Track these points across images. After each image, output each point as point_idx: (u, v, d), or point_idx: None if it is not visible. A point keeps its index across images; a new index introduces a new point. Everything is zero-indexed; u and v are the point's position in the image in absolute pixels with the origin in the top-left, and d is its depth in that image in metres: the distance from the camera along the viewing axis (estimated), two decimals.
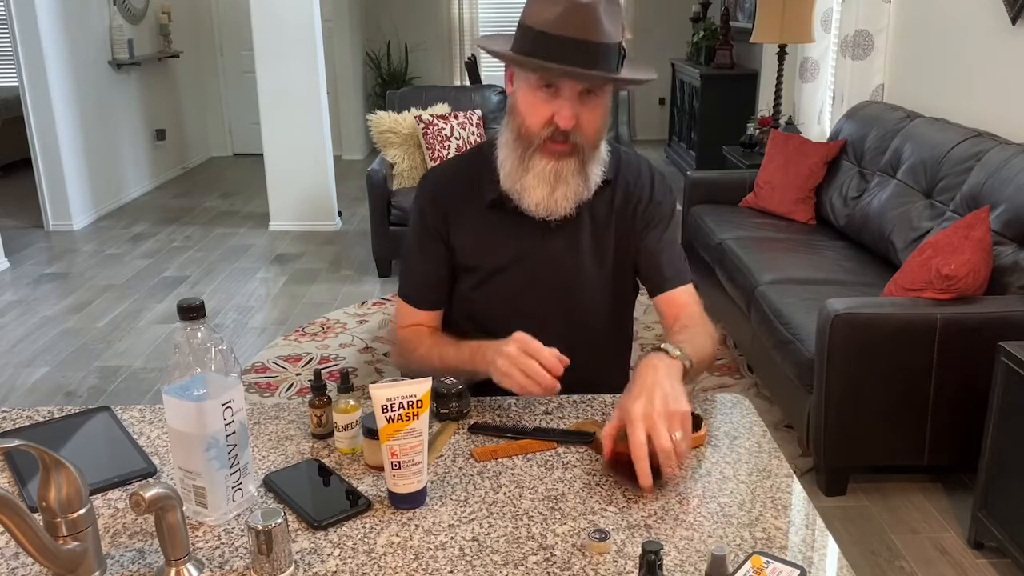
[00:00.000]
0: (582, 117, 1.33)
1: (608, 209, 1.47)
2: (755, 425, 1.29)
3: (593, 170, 1.40)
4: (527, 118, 1.35)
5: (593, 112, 1.34)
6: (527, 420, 1.29)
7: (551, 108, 1.32)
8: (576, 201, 1.39)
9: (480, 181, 1.45)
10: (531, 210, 1.39)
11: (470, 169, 1.48)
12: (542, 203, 1.38)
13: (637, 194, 1.49)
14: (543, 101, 1.33)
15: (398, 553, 0.98)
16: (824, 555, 1.00)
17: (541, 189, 1.37)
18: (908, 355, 2.35)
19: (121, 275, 4.63)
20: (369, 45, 8.02)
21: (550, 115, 1.33)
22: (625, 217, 1.48)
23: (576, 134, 1.34)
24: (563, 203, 1.38)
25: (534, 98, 1.33)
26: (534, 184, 1.37)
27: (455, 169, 1.53)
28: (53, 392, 3.29)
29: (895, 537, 2.33)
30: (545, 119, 1.33)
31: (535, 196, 1.37)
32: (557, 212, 1.39)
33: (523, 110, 1.36)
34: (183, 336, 1.00)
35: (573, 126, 1.32)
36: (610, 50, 1.28)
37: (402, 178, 4.59)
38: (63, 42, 5.41)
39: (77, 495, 0.88)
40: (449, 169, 1.54)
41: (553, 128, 1.33)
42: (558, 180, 1.36)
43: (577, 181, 1.38)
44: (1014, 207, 2.56)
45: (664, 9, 7.71)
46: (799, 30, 4.34)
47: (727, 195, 4.05)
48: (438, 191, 1.50)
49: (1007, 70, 3.07)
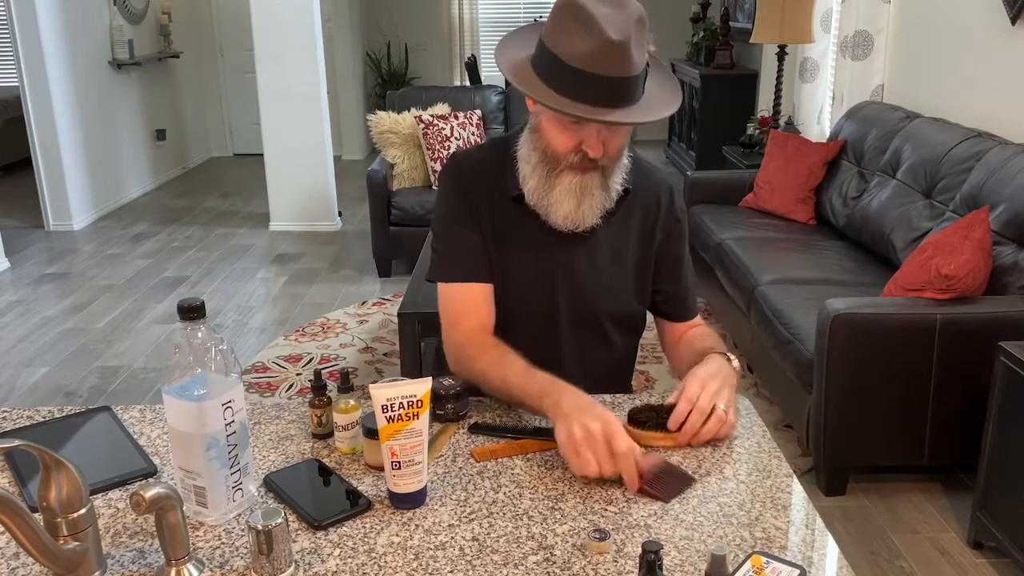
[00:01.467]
0: (608, 142, 1.33)
1: (627, 220, 1.47)
2: (755, 425, 1.29)
3: (614, 181, 1.40)
4: (553, 142, 1.34)
5: (619, 136, 1.34)
6: (527, 420, 1.30)
7: (579, 136, 1.32)
8: (600, 212, 1.40)
9: (504, 174, 1.44)
10: (558, 224, 1.39)
11: (495, 160, 1.46)
12: (569, 217, 1.38)
13: (657, 212, 1.49)
14: (571, 130, 1.32)
15: (398, 553, 0.98)
16: (824, 555, 1.00)
17: (568, 203, 1.37)
18: (908, 355, 2.35)
19: (121, 275, 4.63)
20: (369, 45, 8.02)
21: (578, 143, 1.32)
22: (644, 232, 1.49)
23: (603, 158, 1.34)
24: (589, 215, 1.38)
25: (561, 126, 1.32)
26: (561, 199, 1.37)
27: (481, 156, 1.51)
28: (53, 392, 3.29)
29: (895, 537, 2.33)
30: (572, 146, 1.33)
31: (562, 211, 1.37)
32: (584, 224, 1.39)
33: (549, 135, 1.35)
34: (183, 336, 1.00)
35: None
36: (639, 81, 1.27)
37: (402, 178, 4.59)
38: (63, 42, 5.41)
39: (77, 495, 0.88)
40: (476, 155, 1.52)
41: (581, 155, 1.33)
42: (584, 193, 1.36)
43: (601, 193, 1.38)
44: (1014, 207, 2.56)
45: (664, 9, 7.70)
46: (799, 30, 4.34)
47: (727, 195, 4.06)
48: (466, 173, 1.48)
49: (1007, 70, 3.07)
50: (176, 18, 7.00)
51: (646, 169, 1.52)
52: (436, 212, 1.50)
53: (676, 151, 7.07)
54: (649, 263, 1.50)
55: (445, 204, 1.47)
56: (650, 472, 1.12)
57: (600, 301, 1.47)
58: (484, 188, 1.46)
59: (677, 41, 7.53)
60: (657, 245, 1.50)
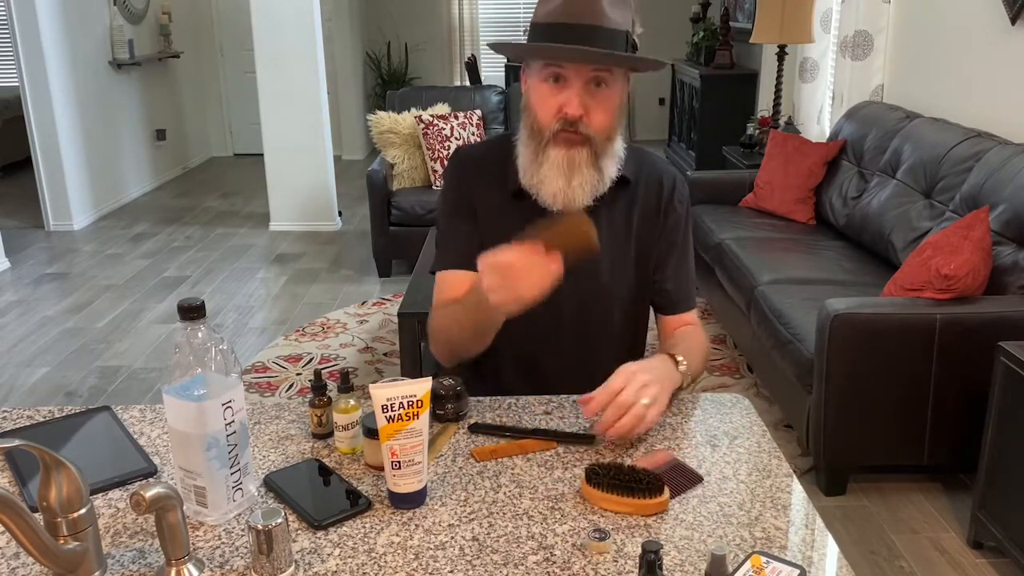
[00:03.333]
0: (591, 108, 1.33)
1: (628, 211, 1.47)
2: (755, 425, 1.29)
3: (607, 164, 1.39)
4: (538, 111, 1.36)
5: (603, 104, 1.34)
6: (527, 420, 1.30)
7: (560, 100, 1.33)
8: (592, 193, 1.38)
9: (506, 170, 1.45)
10: (548, 202, 1.38)
11: (498, 154, 1.47)
12: (559, 194, 1.37)
13: (658, 202, 1.49)
14: (552, 94, 1.33)
15: (398, 553, 0.98)
16: (824, 555, 1.00)
17: (558, 180, 1.36)
18: (908, 355, 2.35)
19: (121, 275, 4.63)
20: (369, 45, 8.02)
21: (559, 106, 1.33)
22: (646, 223, 1.48)
23: (586, 126, 1.33)
24: (580, 193, 1.37)
25: (544, 91, 1.34)
26: (550, 175, 1.36)
27: (484, 151, 1.53)
28: (53, 392, 3.29)
29: (895, 537, 2.33)
30: (555, 111, 1.34)
31: (552, 187, 1.37)
32: (575, 203, 1.37)
33: (535, 104, 1.37)
34: (183, 336, 1.00)
35: (582, 116, 1.32)
36: (615, 35, 1.29)
37: (402, 178, 4.60)
38: (64, 42, 5.41)
39: (77, 495, 0.88)
40: (478, 150, 1.54)
41: (563, 119, 1.33)
42: (572, 169, 1.36)
43: (592, 172, 1.37)
44: (1013, 207, 2.56)
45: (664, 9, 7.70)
46: (799, 30, 4.34)
47: (727, 195, 4.06)
48: (468, 168, 1.50)
49: (1007, 70, 3.07)
50: (176, 18, 7.00)
51: (650, 161, 1.52)
52: (437, 207, 1.55)
53: (676, 151, 7.07)
54: (651, 254, 1.50)
55: (443, 198, 1.52)
56: (660, 469, 1.12)
57: (600, 295, 1.47)
58: (484, 183, 1.47)
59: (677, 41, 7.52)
60: (657, 242, 1.49)
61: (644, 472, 1.06)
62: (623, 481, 1.05)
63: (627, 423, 1.17)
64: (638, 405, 1.17)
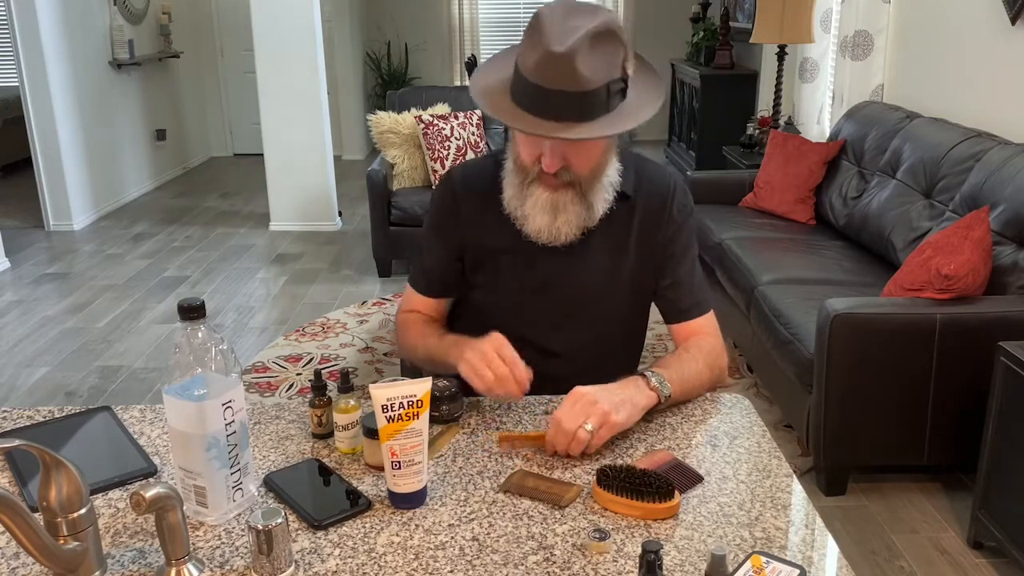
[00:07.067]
0: (571, 158, 1.31)
1: (626, 227, 1.45)
2: (755, 425, 1.29)
3: (597, 198, 1.37)
4: (521, 152, 1.35)
5: (583, 153, 1.32)
6: (527, 420, 1.30)
7: (539, 149, 1.32)
8: (579, 228, 1.38)
9: (496, 187, 1.43)
10: (534, 237, 1.38)
11: (493, 172, 1.46)
12: (543, 231, 1.37)
13: (658, 215, 1.46)
14: (531, 142, 1.32)
15: (398, 553, 0.98)
16: (824, 555, 1.00)
17: (542, 218, 1.36)
18: (908, 355, 2.35)
19: (121, 275, 4.63)
20: (369, 45, 8.02)
21: (538, 155, 1.32)
22: (646, 235, 1.46)
23: (568, 172, 1.32)
24: (565, 230, 1.37)
25: (522, 136, 1.33)
26: (534, 212, 1.36)
27: (479, 169, 1.51)
28: (53, 392, 3.29)
29: (895, 537, 2.33)
30: (535, 157, 1.33)
31: (536, 224, 1.37)
32: (560, 239, 1.38)
33: (518, 145, 1.36)
34: (183, 336, 1.00)
35: (563, 167, 1.31)
36: (593, 98, 1.22)
37: (402, 178, 4.59)
38: (63, 42, 5.41)
39: (77, 495, 0.88)
40: (474, 168, 1.53)
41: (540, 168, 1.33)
42: (557, 210, 1.35)
43: (578, 209, 1.36)
44: (1013, 207, 2.56)
45: (664, 9, 7.71)
46: (799, 30, 4.34)
47: (727, 195, 4.06)
48: (461, 188, 1.49)
49: (1007, 70, 3.07)
50: (176, 18, 7.00)
51: (650, 171, 1.49)
52: (424, 219, 1.59)
53: (676, 151, 7.07)
54: (648, 265, 1.48)
55: (430, 215, 1.55)
56: (660, 468, 1.12)
57: (596, 311, 1.47)
58: (478, 201, 1.46)
59: (677, 41, 7.53)
60: (659, 255, 1.47)
61: (656, 475, 1.06)
62: (634, 484, 1.05)
63: (573, 449, 1.17)
64: (581, 430, 1.16)
